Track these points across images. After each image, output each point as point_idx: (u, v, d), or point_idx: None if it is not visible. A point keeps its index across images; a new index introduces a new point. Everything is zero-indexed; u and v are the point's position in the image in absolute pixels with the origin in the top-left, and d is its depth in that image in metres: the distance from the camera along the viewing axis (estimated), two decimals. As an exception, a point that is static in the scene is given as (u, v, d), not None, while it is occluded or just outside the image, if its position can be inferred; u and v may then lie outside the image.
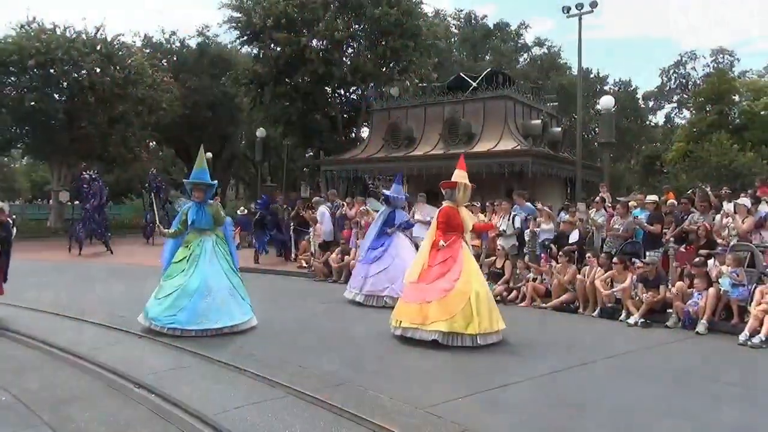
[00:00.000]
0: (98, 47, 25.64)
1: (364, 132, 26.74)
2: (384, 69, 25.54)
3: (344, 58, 24.96)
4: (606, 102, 16.70)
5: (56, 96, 25.84)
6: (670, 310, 8.26)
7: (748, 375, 5.97)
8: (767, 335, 7.05)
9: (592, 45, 58.14)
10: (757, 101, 32.78)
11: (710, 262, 8.55)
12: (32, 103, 24.06)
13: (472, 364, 6.15)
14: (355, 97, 27.92)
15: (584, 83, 33.94)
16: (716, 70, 41.56)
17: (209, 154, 31.31)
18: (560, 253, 9.93)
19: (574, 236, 10.67)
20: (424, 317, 6.64)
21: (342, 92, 27.72)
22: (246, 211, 21.86)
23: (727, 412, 4.85)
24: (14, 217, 10.82)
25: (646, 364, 6.28)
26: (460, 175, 7.37)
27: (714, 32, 74.58)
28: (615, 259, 9.07)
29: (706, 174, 25.38)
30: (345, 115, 27.88)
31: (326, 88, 26.01)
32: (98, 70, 25.17)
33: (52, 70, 24.53)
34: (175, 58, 35.44)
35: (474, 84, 19.97)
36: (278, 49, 24.16)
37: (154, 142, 36.46)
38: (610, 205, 11.81)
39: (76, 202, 20.63)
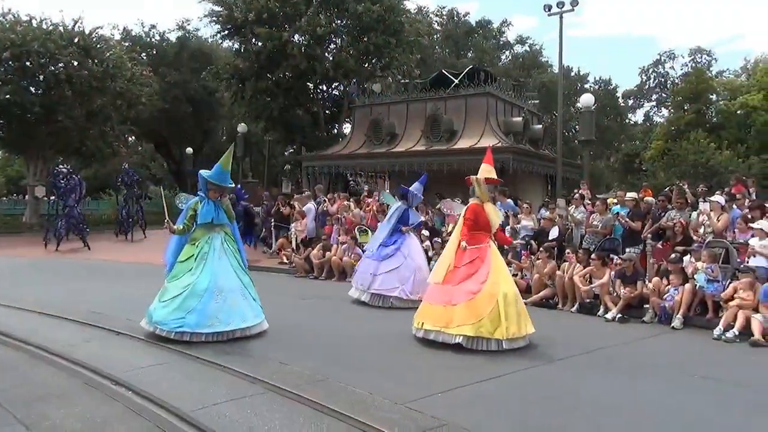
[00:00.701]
0: (76, 40, 25.19)
1: (346, 128, 26.67)
2: (366, 65, 25.50)
3: (326, 54, 24.84)
4: (586, 100, 16.85)
5: (32, 89, 25.32)
6: (647, 306, 8.39)
7: (721, 369, 6.09)
8: (741, 330, 7.19)
9: (573, 43, 58.86)
10: (733, 101, 33.35)
11: (686, 258, 8.69)
12: (7, 96, 23.54)
13: (452, 360, 6.18)
14: (337, 93, 27.84)
15: (565, 81, 34.24)
16: (694, 69, 42.19)
17: (189, 150, 31.17)
18: (540, 249, 10.02)
19: (554, 233, 10.79)
20: (449, 320, 6.37)
21: (324, 88, 27.61)
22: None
23: (701, 404, 4.94)
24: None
25: (623, 358, 6.36)
26: (483, 170, 7.06)
27: (694, 31, 75.72)
28: (593, 256, 9.18)
29: (684, 172, 25.77)
30: (327, 111, 27.78)
31: (308, 83, 25.89)
32: (76, 63, 24.73)
33: (27, 63, 24.02)
34: (154, 52, 35.03)
35: (456, 81, 20.00)
36: (260, 43, 23.97)
37: (133, 137, 36.00)
38: (589, 202, 11.94)
39: (52, 198, 20.25)
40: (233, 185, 7.42)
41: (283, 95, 24.82)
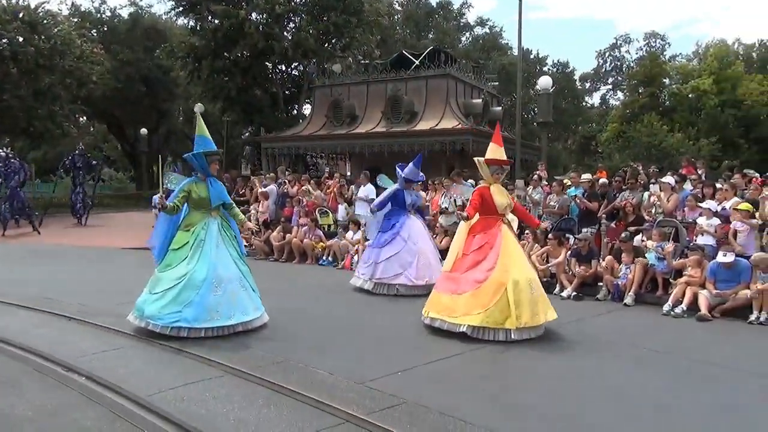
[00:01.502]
0: (21, 15, 24.08)
1: (306, 109, 26.35)
2: (326, 45, 25.18)
3: (285, 33, 24.40)
4: (544, 83, 17.04)
5: (-26, 66, 24.14)
6: (601, 284, 8.63)
7: (669, 342, 6.33)
8: (688, 305, 7.49)
9: (534, 26, 59.34)
10: (685, 85, 34.30)
11: (638, 237, 8.95)
12: (-54, 74, 22.41)
13: (411, 339, 6.25)
14: (296, 74, 27.45)
15: (524, 64, 34.59)
16: (648, 53, 43.19)
17: (144, 130, 30.31)
18: None
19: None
20: (454, 309, 6.14)
21: (283, 68, 27.18)
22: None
23: (650, 377, 5.13)
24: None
25: (578, 334, 6.53)
26: (490, 150, 6.68)
27: (651, 15, 77.36)
28: (550, 236, 9.38)
29: (638, 154, 26.48)
30: (286, 92, 27.38)
31: (267, 63, 25.42)
32: (21, 39, 23.66)
33: (-31, 38, 22.90)
34: (105, 29, 33.80)
35: (416, 62, 19.95)
36: (216, 21, 23.38)
37: (85, 117, 34.77)
38: (546, 183, 12.14)
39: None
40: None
41: (241, 75, 24.33)
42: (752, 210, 8.19)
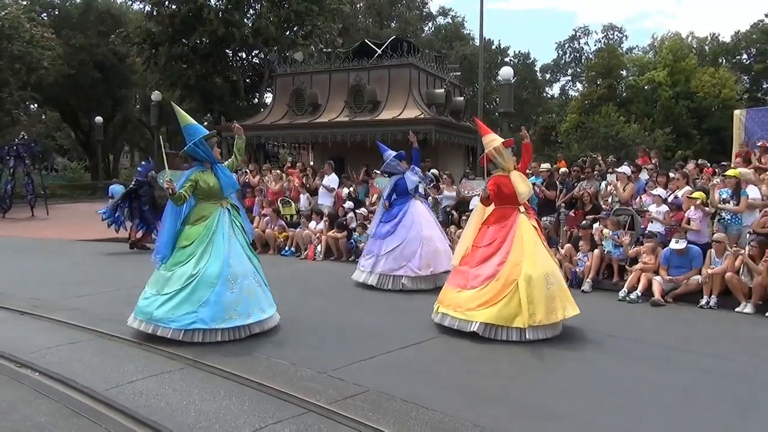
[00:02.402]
0: (-36, -3, 22.98)
1: (268, 98, 25.98)
2: (287, 33, 24.81)
3: (245, 20, 23.94)
4: (505, 73, 17.21)
5: None
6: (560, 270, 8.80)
7: (625, 327, 6.51)
8: (643, 291, 7.72)
9: (496, 16, 59.79)
10: (641, 77, 35.17)
11: (595, 225, 9.17)
12: None
13: (373, 328, 6.27)
14: (257, 61, 26.99)
15: (486, 54, 34.86)
16: (606, 45, 44.08)
17: (99, 119, 29.39)
18: (461, 218, 10.27)
19: (474, 202, 11.04)
20: (461, 305, 5.85)
21: (244, 56, 26.69)
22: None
23: (606, 360, 5.29)
24: None
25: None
26: (488, 141, 6.27)
27: (610, 7, 78.85)
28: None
29: (596, 144, 27.09)
30: (247, 80, 26.91)
31: (227, 50, 24.91)
32: (-35, 22, 22.62)
33: None
34: (56, 12, 32.55)
35: (379, 51, 19.86)
36: (173, 6, 22.75)
37: (36, 105, 33.51)
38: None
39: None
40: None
41: (200, 62, 23.80)
42: (705, 198, 8.47)
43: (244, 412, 3.92)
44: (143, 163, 13.93)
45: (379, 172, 11.06)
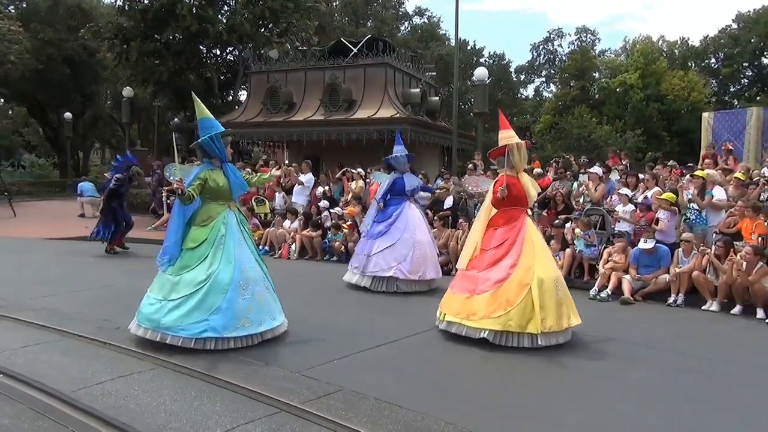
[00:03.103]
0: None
1: (242, 95, 25.73)
2: (262, 30, 24.57)
3: (220, 17, 23.66)
4: (480, 73, 17.33)
5: None
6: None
7: (593, 324, 6.57)
8: (613, 290, 7.86)
9: (471, 17, 60.14)
10: (613, 79, 35.74)
11: (568, 225, 9.29)
12: None
13: (344, 328, 6.25)
14: (232, 59, 26.69)
15: (462, 55, 35.06)
16: (580, 47, 44.72)
17: (68, 115, 28.77)
18: (435, 217, 10.31)
19: (448, 202, 11.13)
20: (471, 311, 5.58)
21: (218, 52, 26.36)
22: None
23: (574, 354, 5.37)
24: None
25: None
26: (506, 136, 6.05)
27: (582, 10, 79.96)
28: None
29: (569, 145, 27.49)
30: (221, 77, 26.58)
31: (200, 47, 24.57)
32: (-72, 13, 21.92)
33: None
34: (24, 5, 31.74)
35: (354, 50, 19.85)
36: (146, 1, 22.36)
37: (2, 100, 32.66)
38: (482, 172, 12.39)
39: None
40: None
41: (173, 58, 23.40)
42: (674, 199, 8.66)
43: (215, 413, 3.88)
44: (118, 158, 13.27)
45: (373, 169, 11.08)
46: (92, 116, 36.39)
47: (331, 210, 11.75)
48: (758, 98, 34.06)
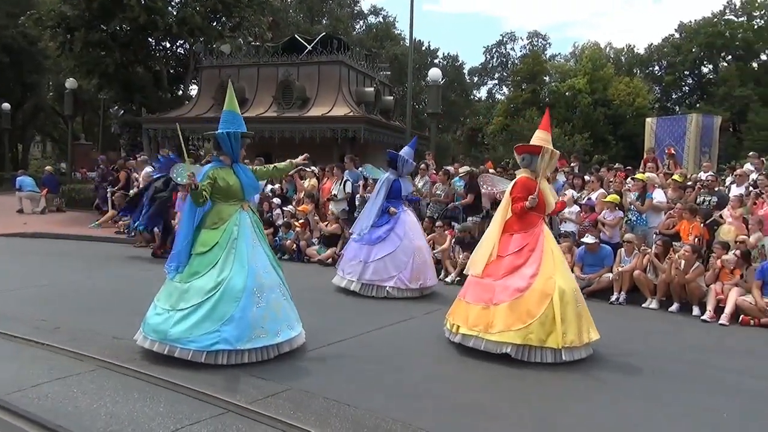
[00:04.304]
0: None
1: (193, 90, 25.17)
2: (214, 24, 24.09)
3: (170, 8, 23.05)
4: (434, 74, 17.48)
5: None
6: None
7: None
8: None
9: (426, 18, 60.60)
10: (563, 83, 36.68)
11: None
12: None
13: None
14: (182, 52, 26.06)
15: (416, 55, 35.31)
16: (531, 51, 45.72)
17: (6, 105, 27.49)
18: (439, 222, 10.30)
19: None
20: (489, 323, 5.19)
21: (168, 45, 25.68)
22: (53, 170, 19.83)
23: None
24: None
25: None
26: (543, 138, 5.67)
27: (534, 15, 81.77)
28: (438, 223, 9.69)
29: (520, 146, 28.01)
30: (171, 71, 25.93)
31: (149, 39, 23.88)
32: None
33: None
34: (-41, -10, 30.14)
35: (309, 47, 19.71)
36: (91, -11, 21.56)
37: (-65, 88, 30.91)
38: (434, 172, 12.49)
39: None
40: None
41: (120, 50, 22.64)
42: (618, 201, 8.95)
43: (159, 414, 3.78)
44: (160, 158, 11.32)
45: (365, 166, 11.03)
46: (33, 107, 34.91)
47: (284, 208, 11.63)
48: (698, 105, 35.64)
